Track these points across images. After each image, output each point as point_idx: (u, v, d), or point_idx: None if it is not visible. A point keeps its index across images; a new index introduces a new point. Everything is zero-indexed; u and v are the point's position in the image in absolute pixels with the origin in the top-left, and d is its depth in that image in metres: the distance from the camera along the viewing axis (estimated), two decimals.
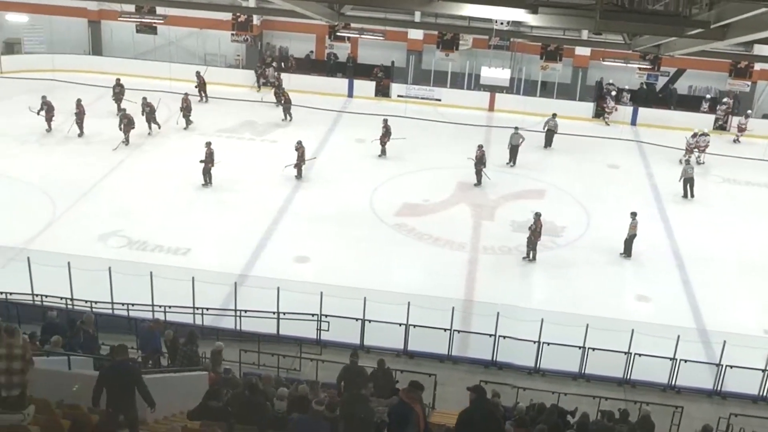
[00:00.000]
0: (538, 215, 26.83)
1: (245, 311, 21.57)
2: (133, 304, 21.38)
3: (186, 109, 36.71)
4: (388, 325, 20.97)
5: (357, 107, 40.71)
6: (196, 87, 40.16)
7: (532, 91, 42.55)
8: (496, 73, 33.16)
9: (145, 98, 35.40)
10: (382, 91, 42.76)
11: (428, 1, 19.15)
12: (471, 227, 29.19)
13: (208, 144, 31.32)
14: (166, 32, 43.46)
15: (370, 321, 21.15)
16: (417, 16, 39.78)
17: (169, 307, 21.29)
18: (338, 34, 40.94)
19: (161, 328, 18.59)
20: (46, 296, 21.62)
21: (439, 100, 42.30)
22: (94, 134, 34.88)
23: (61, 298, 21.54)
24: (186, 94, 36.92)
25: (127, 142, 34.10)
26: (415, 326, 21.06)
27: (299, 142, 32.17)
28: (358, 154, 34.87)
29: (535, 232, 26.65)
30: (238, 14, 41.68)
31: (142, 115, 35.14)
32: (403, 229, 28.66)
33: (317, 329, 21.28)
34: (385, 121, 35.36)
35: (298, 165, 31.83)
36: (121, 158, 32.90)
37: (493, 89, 40.64)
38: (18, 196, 29.40)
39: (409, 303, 20.82)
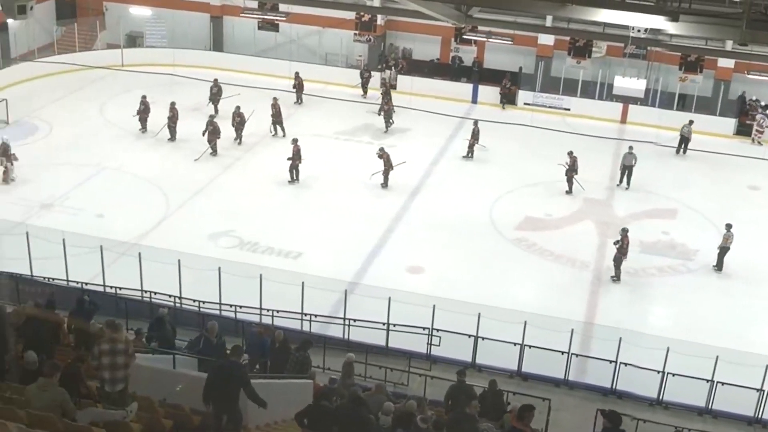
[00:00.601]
0: (625, 231, 26.39)
1: (354, 320, 21.76)
2: (240, 307, 21.83)
3: (276, 115, 36.10)
4: (503, 343, 20.84)
5: (481, 114, 40.39)
6: (293, 87, 40.16)
7: (669, 104, 41.49)
8: (630, 83, 32.68)
9: (238, 107, 35.14)
10: (508, 99, 42.33)
11: (561, 5, 19.00)
12: (595, 246, 28.72)
13: (295, 141, 31.88)
14: (287, 30, 44.33)
15: (483, 338, 21.05)
16: (548, 21, 39.40)
17: (277, 311, 21.68)
18: (464, 36, 40.97)
19: (269, 333, 18.83)
20: (155, 293, 22.27)
21: (568, 109, 41.72)
22: (191, 136, 34.77)
23: (170, 296, 22.14)
24: (275, 99, 36.46)
25: (214, 151, 33.83)
26: (530, 347, 20.82)
27: (381, 149, 32.11)
28: (480, 164, 34.70)
29: (621, 249, 26.17)
30: (362, 13, 42.14)
31: (233, 125, 34.80)
32: (523, 244, 28.43)
33: (428, 343, 21.29)
34: (476, 122, 35.46)
35: (386, 172, 31.79)
36: (236, 157, 33.58)
37: (626, 100, 39.89)
38: (132, 191, 30.53)
39: (525, 322, 20.63)
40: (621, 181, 33.23)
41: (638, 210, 31.40)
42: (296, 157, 31.63)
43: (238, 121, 34.90)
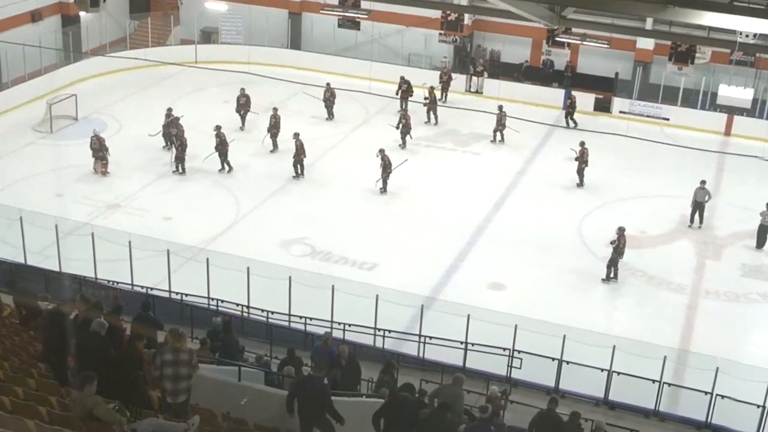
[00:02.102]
0: (621, 230, 26.37)
1: (430, 338, 21.74)
2: (311, 318, 21.98)
3: (274, 126, 34.85)
4: (589, 369, 20.65)
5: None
6: (323, 100, 38.65)
7: None
8: (736, 92, 32.02)
9: (218, 127, 33.21)
10: (602, 106, 41.77)
11: (662, 7, 18.74)
12: (693, 267, 28.26)
13: (296, 135, 32.42)
14: (369, 28, 44.47)
15: (568, 362, 20.85)
16: (648, 23, 38.93)
17: (349, 325, 21.75)
18: (557, 39, 40.64)
19: (330, 341, 18.73)
20: (222, 301, 22.53)
21: (667, 119, 41.06)
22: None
23: (237, 305, 22.40)
24: (275, 110, 35.12)
25: (177, 168, 32.60)
26: (619, 373, 20.55)
27: (381, 151, 31.80)
28: (570, 175, 34.30)
29: (618, 249, 26.19)
30: (448, 12, 42.11)
31: (215, 150, 32.90)
32: None
33: (508, 365, 21.13)
34: (500, 107, 37.00)
35: (386, 174, 31.61)
36: (311, 161, 33.79)
37: (731, 111, 39.18)
38: (202, 194, 31.10)
39: (614, 346, 20.38)
40: (692, 219, 30.81)
41: (741, 230, 30.74)
42: (300, 152, 32.21)
43: (218, 142, 32.84)
